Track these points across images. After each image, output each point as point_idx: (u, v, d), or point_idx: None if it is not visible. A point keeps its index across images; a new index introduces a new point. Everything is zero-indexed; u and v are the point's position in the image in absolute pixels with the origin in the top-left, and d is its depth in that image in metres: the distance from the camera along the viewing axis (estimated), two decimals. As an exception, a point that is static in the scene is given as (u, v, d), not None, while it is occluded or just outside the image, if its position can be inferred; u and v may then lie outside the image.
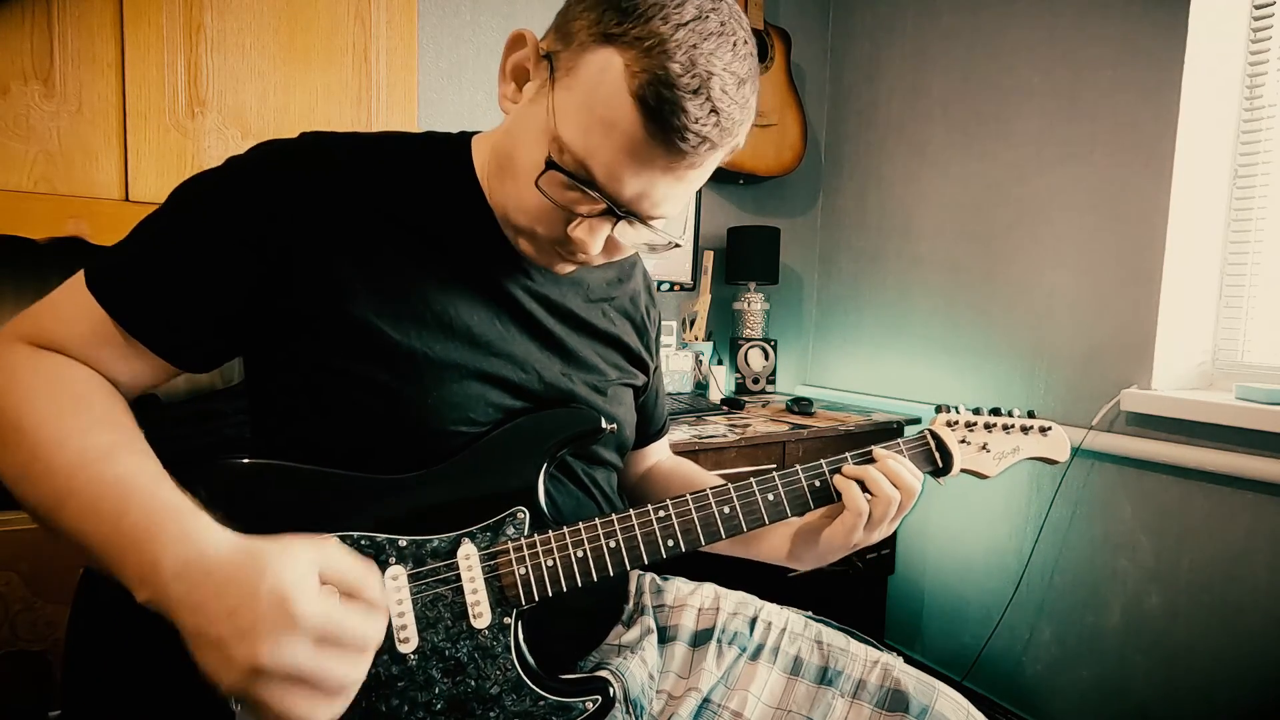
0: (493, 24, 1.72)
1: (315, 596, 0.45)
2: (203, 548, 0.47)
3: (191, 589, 0.46)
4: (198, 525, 0.49)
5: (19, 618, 0.95)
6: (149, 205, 1.05)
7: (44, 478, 0.52)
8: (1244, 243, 1.50)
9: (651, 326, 0.87)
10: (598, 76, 0.54)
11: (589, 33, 0.54)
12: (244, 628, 0.44)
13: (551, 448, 0.67)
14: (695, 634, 0.79)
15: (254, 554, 0.47)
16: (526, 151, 0.58)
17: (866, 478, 0.70)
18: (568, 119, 0.55)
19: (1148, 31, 1.49)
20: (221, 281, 0.61)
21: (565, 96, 0.55)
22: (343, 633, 0.46)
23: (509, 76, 0.61)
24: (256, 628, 0.44)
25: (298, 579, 0.45)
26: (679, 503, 0.66)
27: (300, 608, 0.44)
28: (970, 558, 1.87)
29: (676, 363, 1.92)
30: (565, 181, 0.57)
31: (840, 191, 2.28)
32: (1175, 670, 1.47)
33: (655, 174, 0.56)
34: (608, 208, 0.58)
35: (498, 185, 0.64)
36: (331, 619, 0.45)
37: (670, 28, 0.52)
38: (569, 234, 0.60)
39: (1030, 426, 0.79)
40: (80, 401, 0.56)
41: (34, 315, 0.60)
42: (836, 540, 0.72)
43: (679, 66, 0.52)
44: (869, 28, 2.16)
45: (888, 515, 0.70)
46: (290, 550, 0.47)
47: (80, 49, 1.00)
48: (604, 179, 0.56)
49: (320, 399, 0.63)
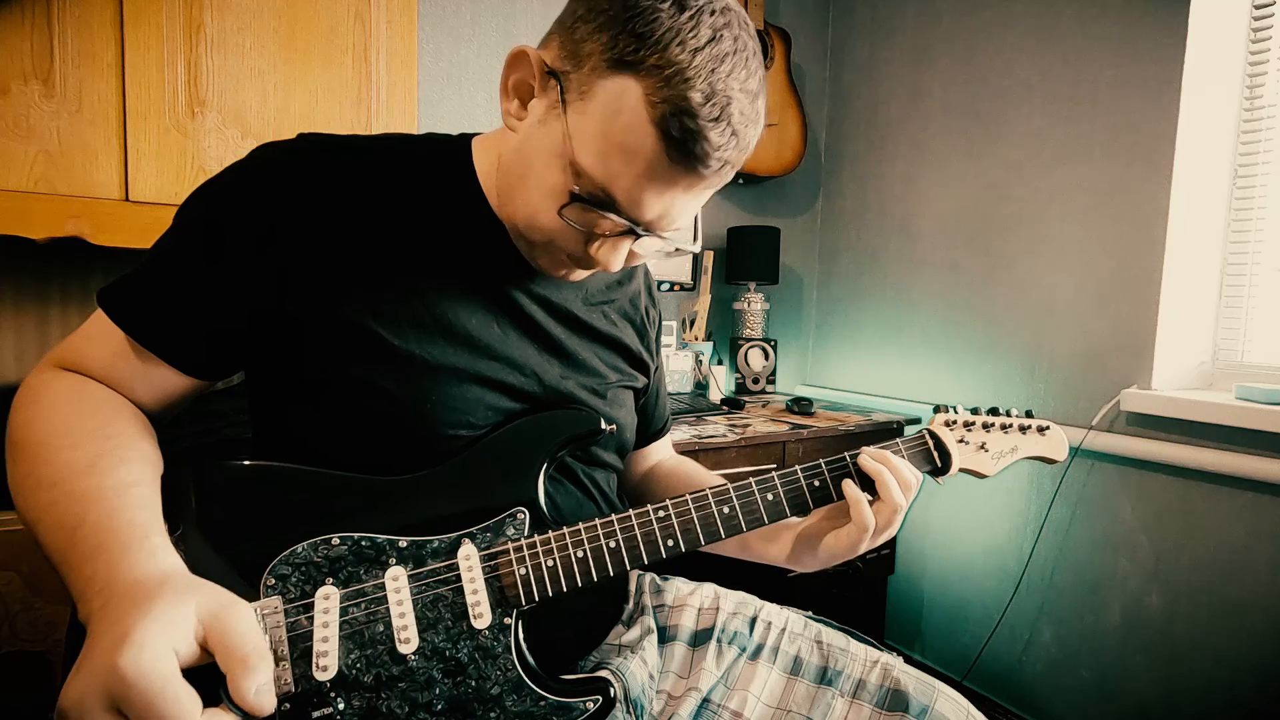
0: (493, 24, 1.72)
1: (158, 655, 0.41)
2: (131, 570, 0.46)
3: (101, 609, 0.44)
4: (139, 546, 0.48)
5: (19, 618, 0.95)
6: (149, 205, 1.06)
7: (33, 491, 0.53)
8: (1244, 243, 1.50)
9: (652, 327, 0.87)
10: (615, 104, 0.53)
11: (603, 58, 0.53)
12: (80, 662, 0.42)
13: (552, 449, 0.67)
14: (695, 634, 0.79)
15: (151, 588, 0.44)
16: (542, 173, 0.58)
17: (880, 481, 0.69)
18: (586, 145, 0.55)
19: (1148, 31, 1.49)
20: (227, 289, 0.61)
21: (581, 122, 0.55)
22: (152, 712, 0.40)
23: (511, 93, 0.61)
24: (83, 665, 0.41)
25: (155, 628, 0.41)
26: (679, 503, 0.66)
27: (125, 659, 0.40)
28: (970, 558, 1.87)
29: (676, 363, 1.92)
30: (586, 206, 0.57)
31: (840, 191, 2.28)
32: (1175, 670, 1.47)
33: (676, 194, 0.57)
34: (629, 228, 0.59)
35: (508, 200, 0.64)
36: (150, 687, 0.40)
37: (688, 54, 0.52)
38: (590, 253, 0.61)
39: (1028, 426, 0.79)
40: (81, 415, 0.57)
41: (68, 341, 0.63)
42: (840, 550, 0.71)
43: (700, 95, 0.52)
44: (869, 28, 2.16)
45: (893, 523, 0.69)
46: (184, 596, 0.44)
47: (80, 49, 1.00)
48: (626, 204, 0.57)
49: (319, 401, 0.63)
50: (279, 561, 0.57)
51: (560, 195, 0.58)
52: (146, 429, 0.61)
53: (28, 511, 0.53)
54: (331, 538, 0.58)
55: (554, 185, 0.58)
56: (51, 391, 0.59)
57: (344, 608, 0.56)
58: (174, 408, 0.65)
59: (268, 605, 0.54)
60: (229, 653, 0.44)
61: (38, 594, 0.95)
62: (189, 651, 0.44)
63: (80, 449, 0.54)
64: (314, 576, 0.57)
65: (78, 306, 1.27)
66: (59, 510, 0.50)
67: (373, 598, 0.57)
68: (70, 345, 0.62)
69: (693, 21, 0.52)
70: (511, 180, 0.62)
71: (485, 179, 0.67)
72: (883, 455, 0.71)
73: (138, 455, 0.56)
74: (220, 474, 0.60)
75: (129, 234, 1.04)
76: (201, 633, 0.44)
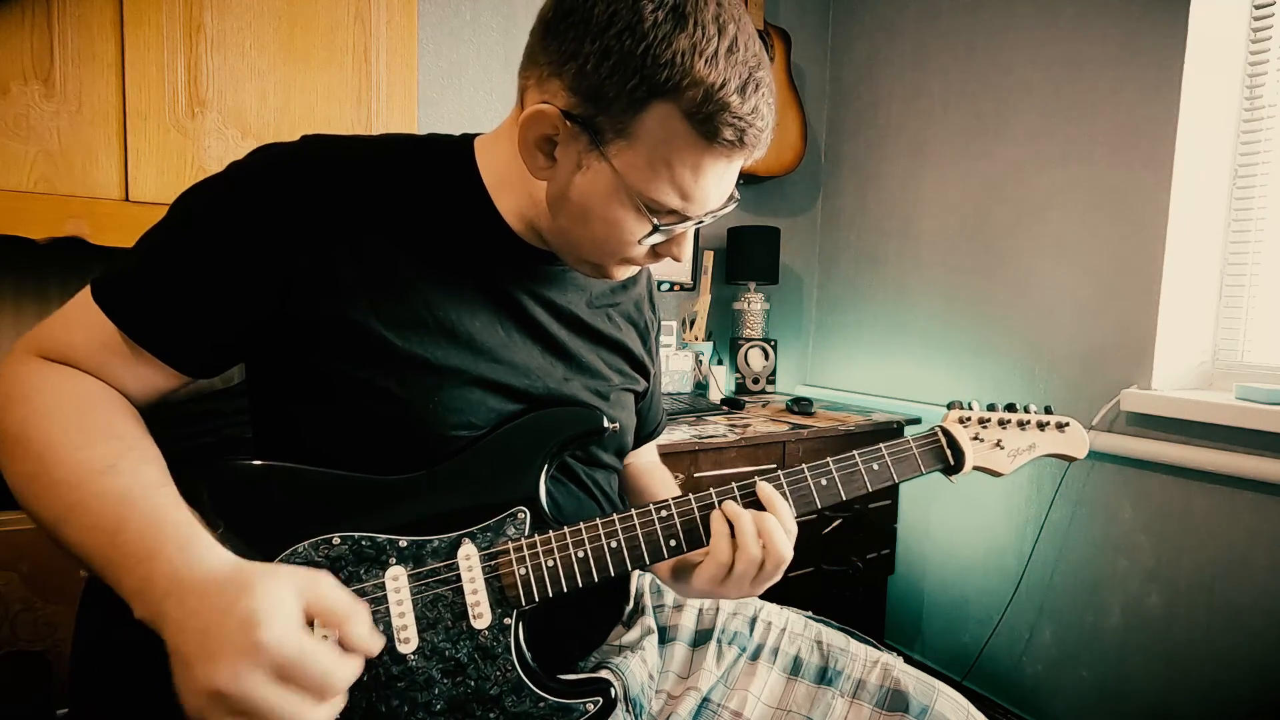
0: (493, 24, 1.72)
1: (287, 626, 0.44)
2: (194, 566, 0.47)
3: (177, 606, 0.46)
4: (194, 543, 0.49)
5: (19, 618, 0.95)
6: (149, 205, 1.06)
7: (48, 491, 0.53)
8: (1244, 243, 1.50)
9: (652, 331, 0.87)
10: (661, 132, 0.56)
11: (631, 95, 0.54)
12: (210, 649, 0.43)
13: (553, 447, 0.67)
14: (695, 634, 0.79)
15: (240, 576, 0.46)
16: (605, 214, 0.61)
17: (738, 526, 0.63)
18: (643, 177, 0.58)
19: (1148, 31, 1.49)
20: (225, 287, 0.60)
21: (629, 158, 0.57)
22: (306, 670, 0.44)
23: (535, 149, 0.60)
24: (221, 650, 0.43)
25: (273, 605, 0.44)
26: (681, 501, 0.66)
27: (265, 635, 0.43)
28: (970, 558, 1.87)
29: (676, 363, 1.92)
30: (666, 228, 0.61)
31: (840, 191, 2.28)
32: (1175, 670, 1.47)
33: (730, 174, 0.62)
34: (697, 221, 0.62)
35: (562, 237, 0.65)
36: (296, 652, 0.44)
37: (709, 62, 0.54)
38: (660, 253, 0.66)
39: (1047, 423, 0.78)
40: (85, 413, 0.56)
41: (46, 329, 0.61)
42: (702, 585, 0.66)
43: (737, 99, 0.55)
44: (869, 28, 2.16)
45: (748, 575, 0.64)
46: (275, 576, 0.47)
47: (80, 49, 1.00)
48: (695, 210, 0.61)
49: (320, 402, 0.63)
50: (280, 561, 0.57)
51: (636, 227, 0.61)
52: (145, 426, 0.61)
53: (45, 511, 0.52)
54: (332, 537, 0.58)
55: (622, 219, 0.60)
56: (46, 385, 0.58)
57: (344, 608, 0.56)
58: (160, 400, 0.65)
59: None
60: (334, 612, 0.48)
61: (38, 594, 0.95)
62: (301, 620, 0.47)
63: (92, 449, 0.54)
64: (314, 577, 0.57)
65: (78, 306, 1.27)
66: (90, 512, 0.51)
67: (372, 597, 0.57)
68: (51, 333, 0.61)
69: (699, 29, 0.53)
70: (564, 224, 0.63)
71: (489, 180, 0.67)
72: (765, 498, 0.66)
73: (153, 456, 0.57)
74: (223, 474, 0.60)
75: (129, 234, 1.04)
76: (304, 602, 0.47)
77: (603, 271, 0.67)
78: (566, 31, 0.55)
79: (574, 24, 0.55)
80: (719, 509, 0.65)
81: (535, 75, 0.59)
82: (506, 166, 0.66)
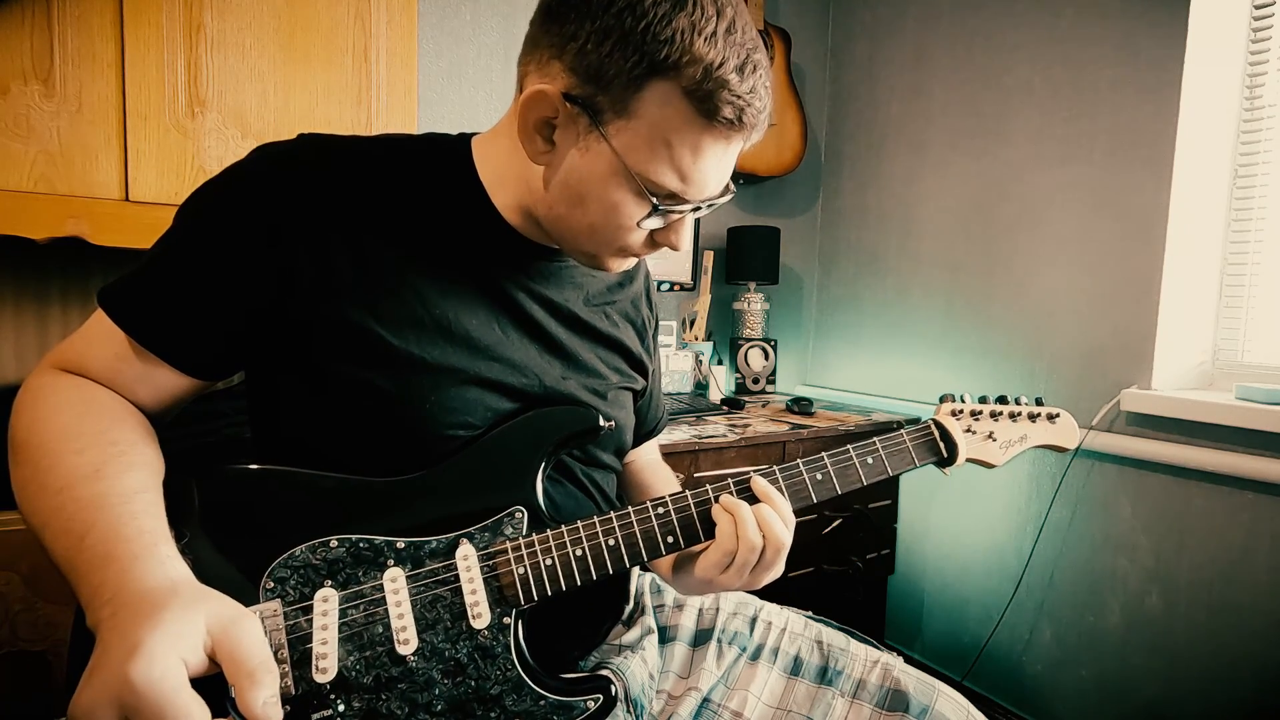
0: (493, 24, 1.72)
1: (166, 668, 0.42)
2: (139, 579, 0.46)
3: (110, 618, 0.45)
4: (149, 555, 0.48)
5: (19, 618, 0.95)
6: (149, 205, 1.06)
7: (38, 495, 0.53)
8: (1244, 243, 1.50)
9: (650, 329, 0.87)
10: (660, 110, 0.56)
11: (632, 73, 0.55)
12: (91, 668, 0.42)
13: (550, 446, 0.67)
14: (695, 634, 0.79)
15: (158, 598, 0.45)
16: (603, 196, 0.60)
17: (737, 514, 0.64)
18: (642, 156, 0.58)
19: (1148, 31, 1.49)
20: (228, 289, 0.61)
21: (628, 138, 0.57)
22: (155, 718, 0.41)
23: (534, 133, 0.60)
24: (95, 672, 0.42)
25: (165, 640, 0.42)
26: (678, 498, 0.66)
27: (136, 671, 0.41)
28: (970, 558, 1.87)
29: (676, 363, 1.92)
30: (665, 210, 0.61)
31: (840, 191, 2.28)
32: (1175, 670, 1.47)
33: (730, 158, 0.62)
34: (696, 206, 0.62)
35: (557, 224, 0.64)
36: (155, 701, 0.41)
37: (708, 40, 0.54)
38: (659, 241, 0.65)
39: (1038, 414, 0.78)
40: (84, 419, 0.57)
41: (68, 344, 0.62)
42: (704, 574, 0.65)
43: (735, 77, 0.55)
44: (869, 28, 2.16)
45: (749, 563, 0.64)
46: (194, 606, 0.45)
47: (80, 49, 1.00)
48: (695, 193, 0.61)
49: (319, 402, 0.63)
50: (278, 564, 0.57)
51: (635, 209, 0.61)
52: (149, 433, 0.61)
53: (34, 515, 0.53)
54: (330, 540, 0.58)
55: (621, 201, 0.60)
56: (54, 394, 0.59)
57: (343, 610, 0.56)
58: (174, 407, 0.65)
59: (267, 609, 0.54)
60: (237, 666, 0.45)
61: (38, 594, 0.95)
62: (198, 662, 0.44)
63: (85, 454, 0.54)
64: (312, 579, 0.57)
65: (78, 306, 1.27)
66: (66, 516, 0.50)
67: (371, 599, 0.57)
68: (70, 346, 0.62)
69: (698, 9, 0.54)
70: (562, 210, 0.63)
71: (486, 177, 0.67)
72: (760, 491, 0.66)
73: (142, 461, 0.56)
74: (220, 478, 0.60)
75: (129, 234, 1.04)
76: (210, 644, 0.45)
77: (599, 262, 0.67)
78: (567, 14, 0.56)
79: (575, 6, 0.56)
80: (717, 503, 0.65)
81: (535, 60, 0.59)
82: (504, 161, 0.66)
